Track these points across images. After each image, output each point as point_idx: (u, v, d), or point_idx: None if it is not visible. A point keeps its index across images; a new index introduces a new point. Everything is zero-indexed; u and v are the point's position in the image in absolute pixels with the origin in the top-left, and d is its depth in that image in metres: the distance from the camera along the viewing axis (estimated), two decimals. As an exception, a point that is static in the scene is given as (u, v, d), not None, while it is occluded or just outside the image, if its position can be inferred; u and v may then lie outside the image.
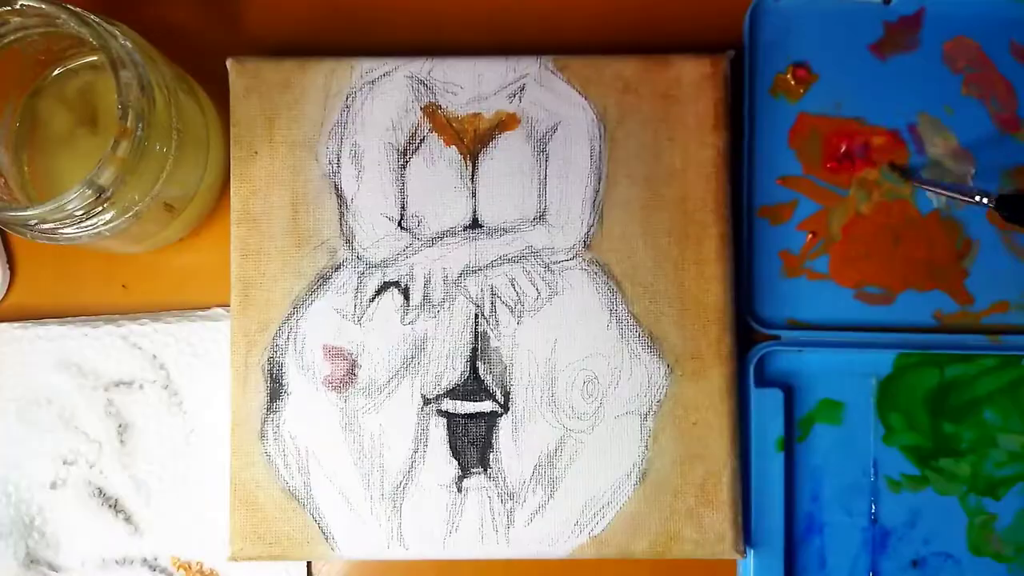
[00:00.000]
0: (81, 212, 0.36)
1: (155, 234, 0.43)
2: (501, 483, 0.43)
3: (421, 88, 0.43)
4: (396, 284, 0.43)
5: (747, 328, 0.45)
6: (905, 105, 0.46)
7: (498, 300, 0.43)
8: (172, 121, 0.38)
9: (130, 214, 0.38)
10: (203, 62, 0.43)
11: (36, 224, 0.36)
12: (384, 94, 0.43)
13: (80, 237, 0.38)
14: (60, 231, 0.37)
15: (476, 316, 0.43)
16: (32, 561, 0.44)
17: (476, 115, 0.43)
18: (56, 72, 0.43)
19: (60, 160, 0.42)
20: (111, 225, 0.38)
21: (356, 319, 0.43)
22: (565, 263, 0.43)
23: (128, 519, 0.45)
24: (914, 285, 0.46)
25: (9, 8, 0.37)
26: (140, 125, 0.35)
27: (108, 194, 0.36)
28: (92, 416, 0.45)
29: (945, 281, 0.46)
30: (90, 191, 0.35)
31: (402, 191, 0.43)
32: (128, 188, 0.37)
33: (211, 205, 0.45)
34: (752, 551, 0.44)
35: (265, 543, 0.42)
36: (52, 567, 0.44)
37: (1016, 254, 0.45)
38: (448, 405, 0.43)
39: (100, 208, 0.37)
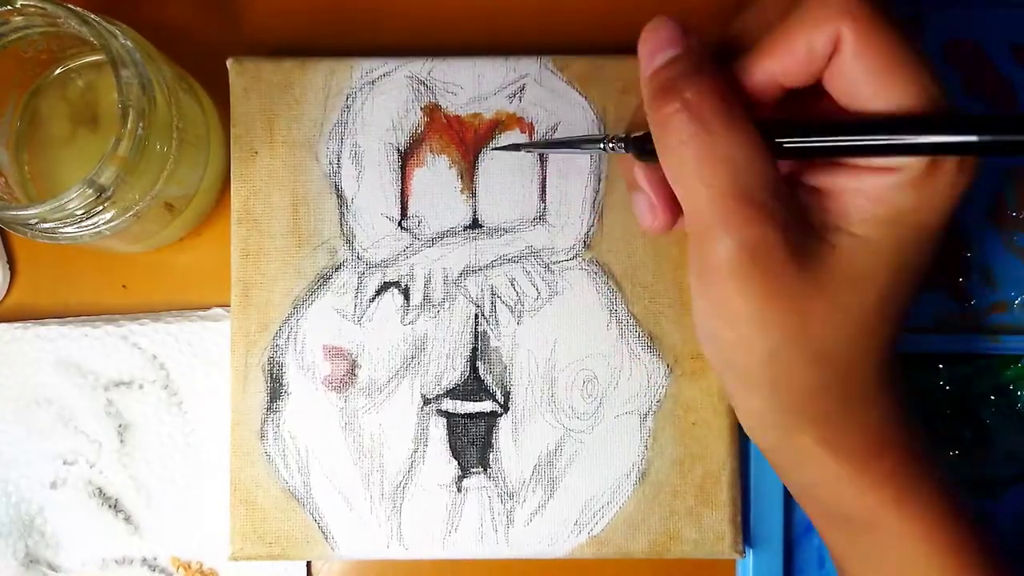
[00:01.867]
0: (82, 211, 0.36)
1: (156, 233, 0.43)
2: (501, 483, 0.43)
3: (421, 88, 0.43)
4: (396, 284, 0.43)
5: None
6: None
7: (498, 300, 0.43)
8: (173, 120, 0.38)
9: (131, 213, 0.38)
10: (203, 62, 0.43)
11: (37, 223, 0.36)
12: (384, 94, 0.43)
13: (81, 236, 0.38)
14: (61, 230, 0.37)
15: (476, 316, 0.43)
16: (32, 561, 0.44)
17: (476, 115, 0.43)
18: (57, 72, 0.43)
19: (60, 160, 0.42)
20: (112, 224, 0.38)
21: (356, 319, 0.43)
22: (565, 263, 0.43)
23: (128, 519, 0.45)
24: (913, 285, 0.46)
25: (9, 7, 0.37)
26: (141, 124, 0.35)
27: (109, 193, 0.36)
28: (92, 416, 0.45)
29: (944, 281, 0.46)
30: (91, 190, 0.35)
31: (402, 191, 0.43)
32: (129, 187, 0.37)
33: (212, 204, 0.45)
34: (751, 550, 0.44)
35: (265, 543, 0.42)
36: (52, 567, 0.44)
37: (1015, 254, 0.46)
38: (448, 405, 0.43)
39: (101, 207, 0.36)
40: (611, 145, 0.34)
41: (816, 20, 0.28)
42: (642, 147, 0.33)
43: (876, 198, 0.29)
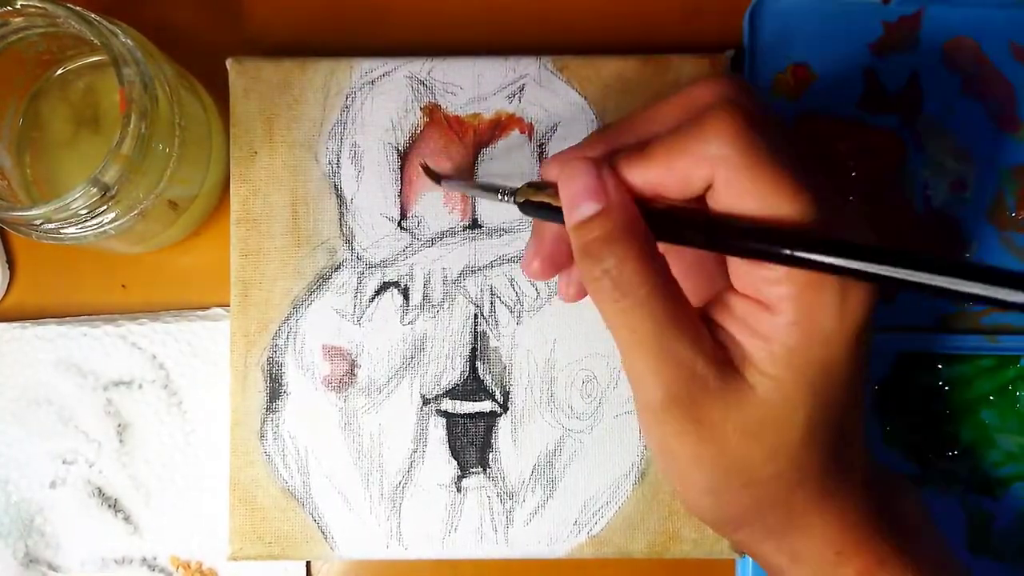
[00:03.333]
0: (86, 211, 0.36)
1: (160, 233, 0.43)
2: (500, 483, 0.43)
3: (421, 88, 0.43)
4: (396, 284, 0.43)
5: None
6: (904, 105, 0.46)
7: (497, 300, 0.43)
8: (175, 118, 0.38)
9: (135, 212, 0.38)
10: (203, 62, 0.43)
11: (41, 224, 0.36)
12: (384, 94, 0.43)
13: (85, 236, 0.38)
14: (65, 231, 0.37)
15: (475, 316, 0.43)
16: (31, 561, 0.44)
17: (476, 115, 0.43)
18: (57, 73, 0.43)
19: (62, 161, 0.42)
20: (116, 224, 0.38)
21: (356, 319, 0.43)
22: (564, 263, 0.43)
23: (127, 519, 0.45)
24: (913, 285, 0.46)
25: (10, 8, 0.37)
26: (143, 123, 0.35)
27: (113, 192, 0.36)
28: (91, 416, 0.45)
29: (943, 281, 0.46)
30: (95, 189, 0.35)
31: (402, 191, 0.43)
32: (133, 186, 0.37)
33: (215, 203, 0.45)
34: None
35: (264, 543, 0.42)
36: (51, 567, 0.44)
37: (1014, 253, 0.46)
38: (447, 405, 0.43)
39: (105, 206, 0.37)
40: (502, 197, 0.36)
41: (693, 159, 0.29)
42: (525, 208, 0.35)
43: (768, 337, 0.30)
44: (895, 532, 0.33)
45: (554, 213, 0.33)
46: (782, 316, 0.29)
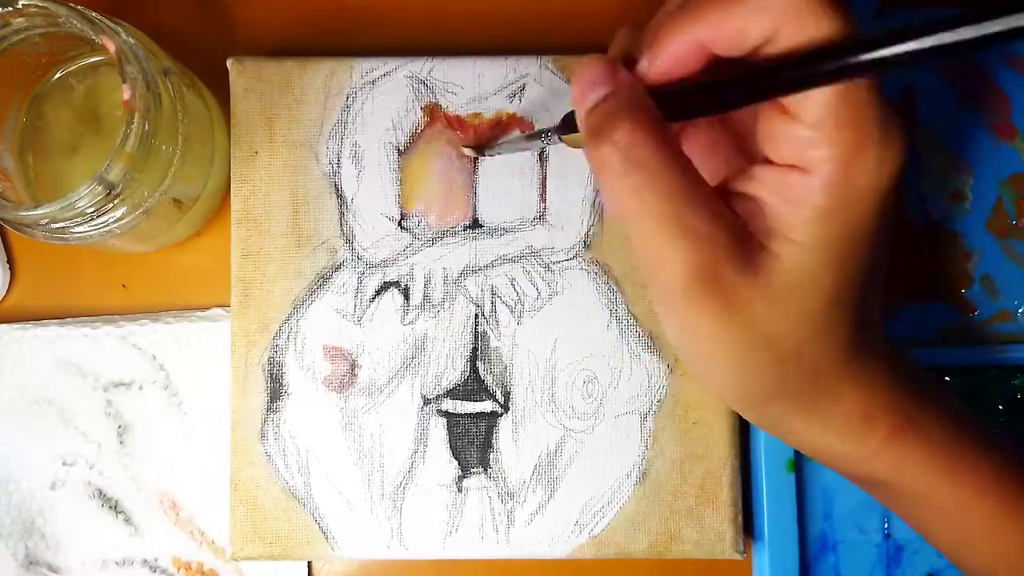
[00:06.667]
0: (92, 209, 0.36)
1: (165, 231, 0.43)
2: (501, 483, 0.43)
3: (421, 88, 0.44)
4: (396, 284, 0.43)
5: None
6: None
7: (498, 300, 0.43)
8: (177, 116, 0.38)
9: (140, 211, 0.38)
10: (203, 62, 0.43)
11: (47, 223, 0.36)
12: (384, 94, 0.43)
13: (91, 236, 0.38)
14: (72, 230, 0.37)
15: (476, 316, 0.43)
16: (32, 562, 0.44)
17: (476, 115, 0.44)
18: (58, 75, 0.43)
19: (65, 162, 0.42)
20: (122, 223, 0.38)
21: (356, 319, 0.43)
22: (565, 263, 0.43)
23: (128, 520, 0.45)
24: (915, 298, 0.46)
25: (11, 8, 0.37)
26: (146, 120, 0.35)
27: (118, 190, 0.36)
28: (92, 417, 0.45)
29: (946, 293, 0.46)
30: (100, 188, 0.35)
31: (402, 191, 0.43)
32: (137, 184, 0.37)
33: (219, 201, 0.46)
34: (765, 548, 0.44)
35: (265, 543, 0.42)
36: (52, 568, 0.44)
37: (1017, 263, 0.45)
38: (448, 405, 0.43)
39: (111, 205, 0.36)
40: (545, 140, 0.36)
41: (755, 8, 0.28)
42: (563, 128, 0.35)
43: (798, 201, 0.29)
44: (918, 393, 0.33)
45: None
46: (817, 177, 0.29)
